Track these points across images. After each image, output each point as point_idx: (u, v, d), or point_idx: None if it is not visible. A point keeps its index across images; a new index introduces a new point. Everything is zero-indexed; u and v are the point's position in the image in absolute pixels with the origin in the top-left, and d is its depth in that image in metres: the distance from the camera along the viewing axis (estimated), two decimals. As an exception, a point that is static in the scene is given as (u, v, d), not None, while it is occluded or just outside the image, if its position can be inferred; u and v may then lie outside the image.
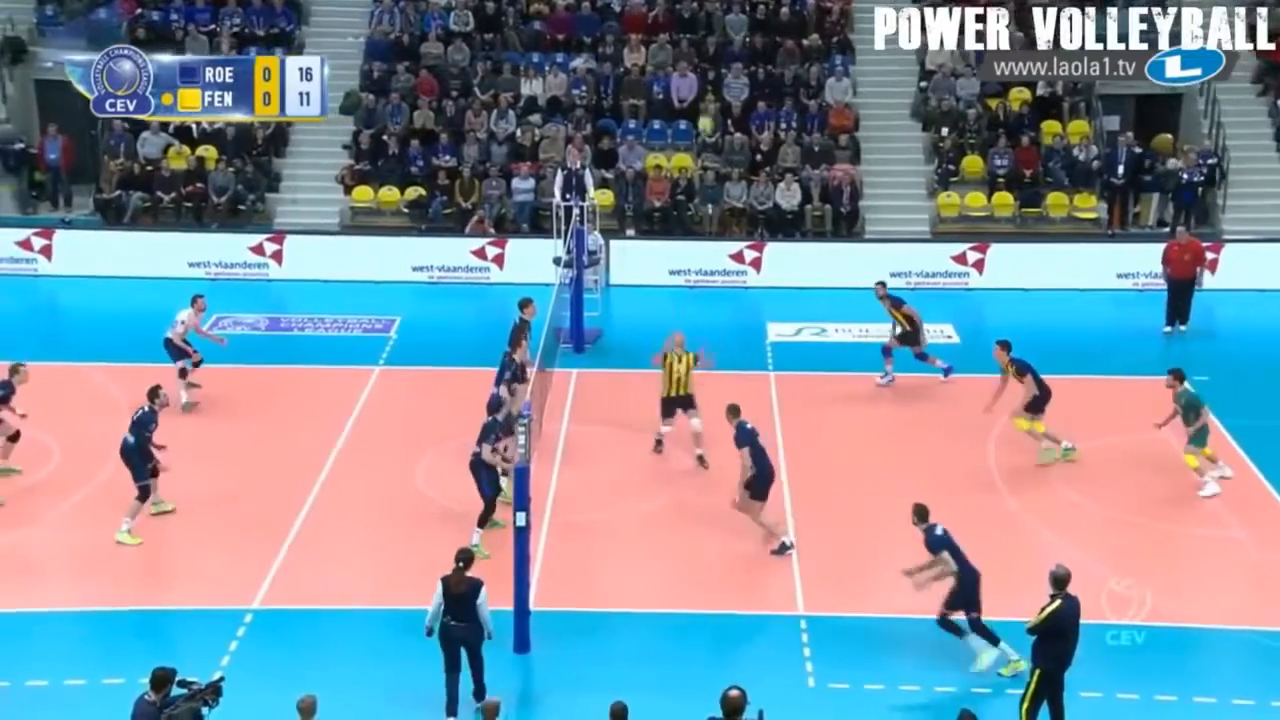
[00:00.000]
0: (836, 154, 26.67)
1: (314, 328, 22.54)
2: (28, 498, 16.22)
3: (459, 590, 12.17)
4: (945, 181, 26.62)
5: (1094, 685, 12.66)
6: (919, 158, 27.39)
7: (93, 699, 12.43)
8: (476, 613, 12.19)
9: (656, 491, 16.97)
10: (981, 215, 26.37)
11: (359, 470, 17.26)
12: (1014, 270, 24.81)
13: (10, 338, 21.58)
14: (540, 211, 25.48)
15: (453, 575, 12.27)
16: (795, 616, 14.28)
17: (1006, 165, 26.48)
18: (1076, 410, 18.19)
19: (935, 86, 27.44)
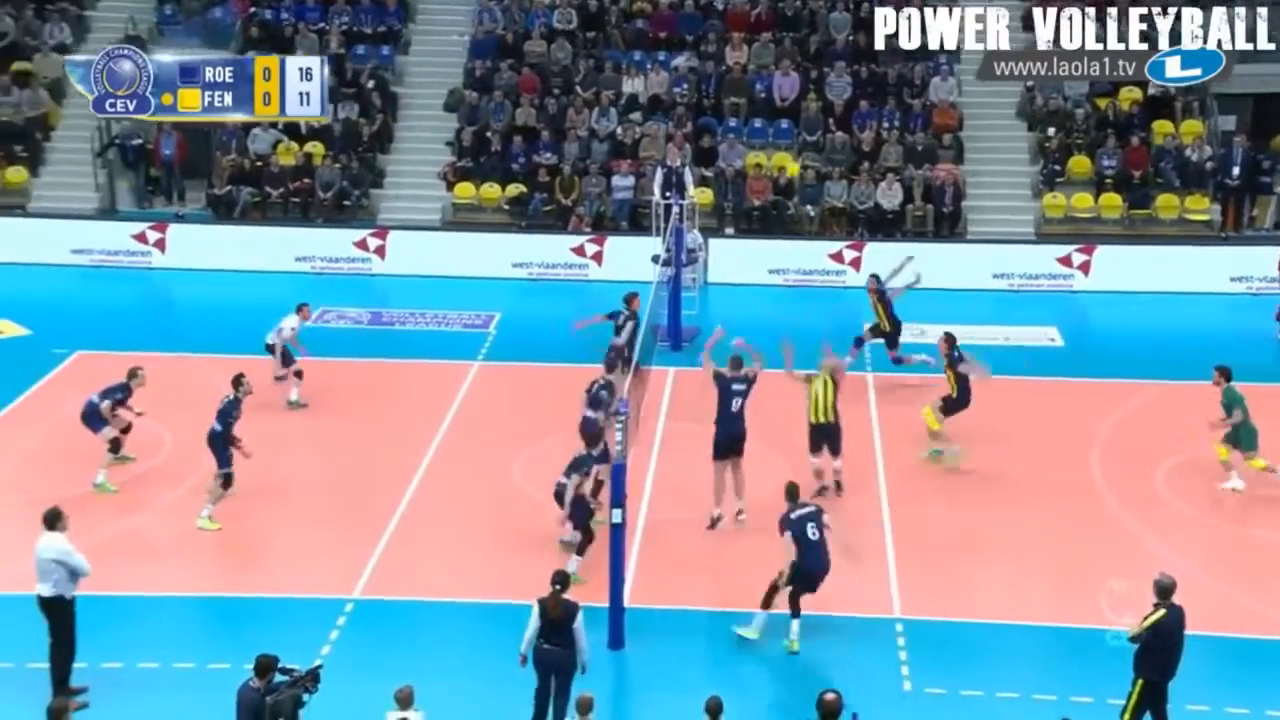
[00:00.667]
0: (940, 153, 26.37)
1: (415, 322, 22.82)
2: (140, 485, 16.62)
3: (556, 614, 11.71)
4: (1051, 182, 26.18)
5: (1202, 698, 12.38)
6: (1024, 158, 26.98)
7: (200, 682, 12.69)
8: (573, 637, 11.74)
9: (753, 489, 16.88)
10: (1088, 217, 25.90)
11: (457, 464, 17.43)
12: (1121, 273, 24.34)
13: (125, 328, 22.19)
14: (640, 209, 25.53)
15: (549, 598, 11.76)
16: (891, 619, 14.14)
17: (1115, 166, 25.97)
18: (1187, 416, 17.77)
19: (1042, 86, 26.99)
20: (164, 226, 25.32)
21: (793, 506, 13.65)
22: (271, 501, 16.44)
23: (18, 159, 26.92)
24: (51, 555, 12.11)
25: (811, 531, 13.47)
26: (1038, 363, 21.01)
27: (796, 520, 13.50)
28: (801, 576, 13.46)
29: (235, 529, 15.81)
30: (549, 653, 11.78)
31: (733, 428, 15.68)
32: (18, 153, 26.95)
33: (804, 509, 13.67)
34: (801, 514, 13.59)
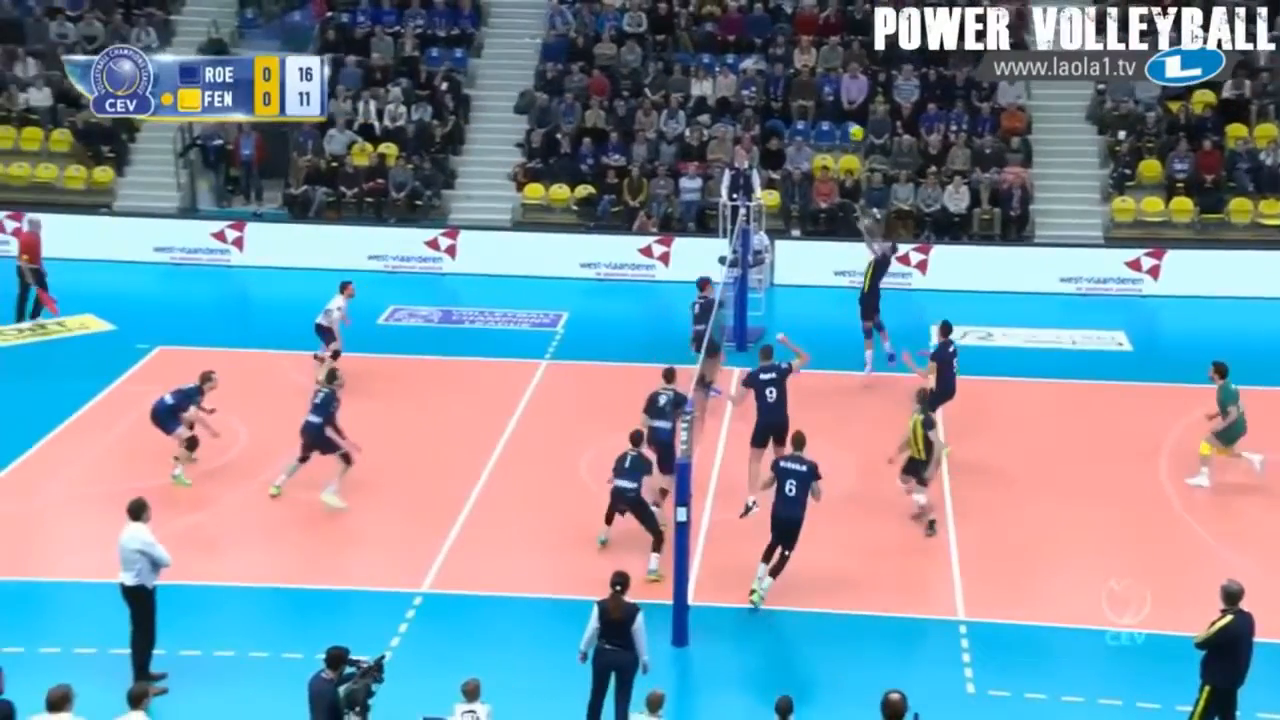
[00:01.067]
0: (1008, 157, 26.07)
1: (484, 321, 22.94)
2: (217, 476, 16.83)
3: (617, 616, 11.65)
4: (1120, 186, 25.80)
5: (1272, 706, 12.15)
6: (1093, 161, 26.62)
7: (274, 671, 12.84)
8: (633, 639, 11.67)
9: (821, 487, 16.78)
10: (1158, 221, 25.49)
11: (525, 461, 17.50)
12: (1192, 277, 23.93)
13: (204, 324, 22.51)
14: (707, 211, 25.49)
15: (610, 600, 11.69)
16: (955, 621, 14.01)
17: (1187, 170, 25.55)
18: (1256, 421, 17.43)
19: (1113, 89, 26.61)
20: (242, 225, 25.64)
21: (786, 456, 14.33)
22: (344, 495, 16.59)
23: (105, 159, 27.40)
24: (136, 546, 12.31)
25: (790, 488, 14.00)
26: (1105, 367, 20.73)
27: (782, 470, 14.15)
28: (772, 524, 14.07)
29: (309, 522, 15.99)
30: (609, 653, 11.74)
31: (772, 417, 15.77)
32: (105, 153, 27.42)
33: (791, 462, 14.20)
34: (786, 466, 14.15)
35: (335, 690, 10.68)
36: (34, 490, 16.50)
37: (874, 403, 19.25)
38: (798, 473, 14.08)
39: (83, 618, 13.73)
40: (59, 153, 27.49)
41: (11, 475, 16.79)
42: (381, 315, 22.76)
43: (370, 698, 10.77)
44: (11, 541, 15.44)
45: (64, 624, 13.71)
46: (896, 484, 15.88)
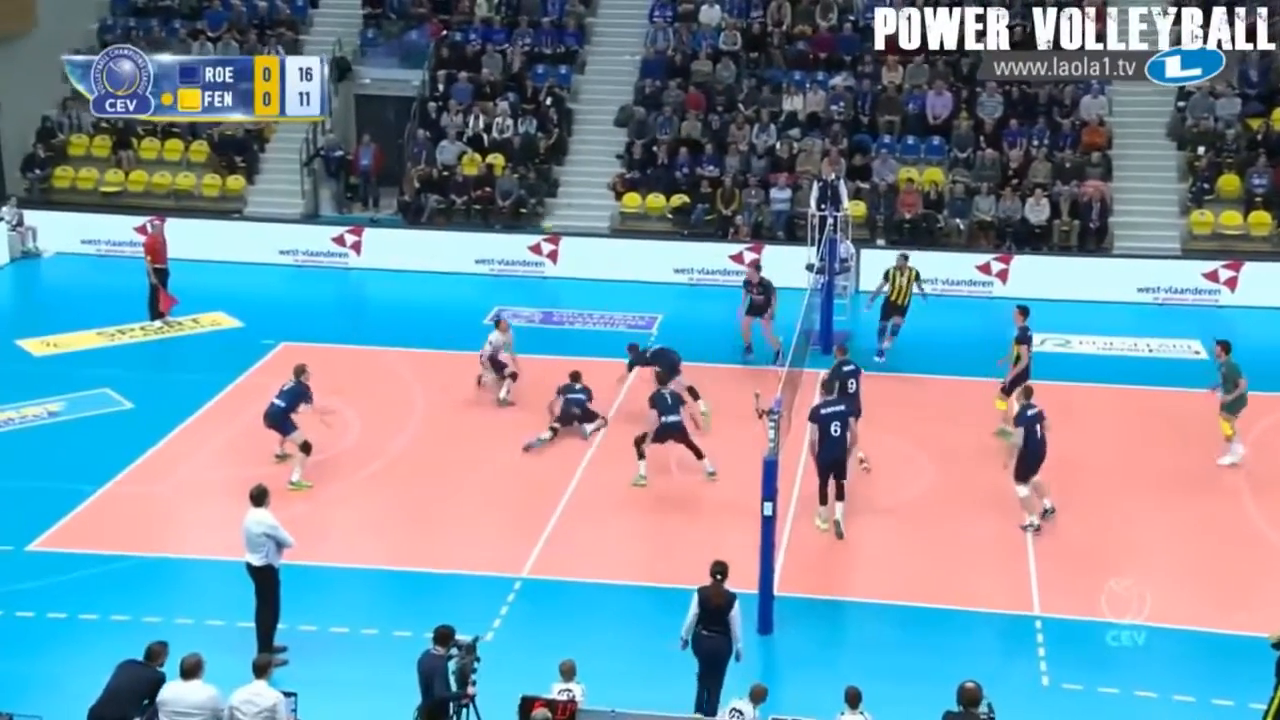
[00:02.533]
0: (1088, 170, 25.58)
1: (583, 322, 23.05)
2: (331, 465, 17.11)
3: (718, 603, 11.61)
4: (1199, 200, 25.18)
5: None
6: (1172, 175, 26.01)
7: (384, 647, 13.04)
8: (730, 626, 11.62)
9: (900, 486, 16.67)
10: (1236, 234, 24.84)
11: (620, 453, 17.53)
12: (1270, 289, 23.29)
13: (324, 322, 22.91)
14: (796, 220, 25.34)
15: (711, 588, 11.67)
16: (1031, 616, 13.79)
17: (1265, 185, 24.85)
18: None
19: (1193, 106, 25.98)
20: (360, 230, 26.01)
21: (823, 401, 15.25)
22: (453, 485, 16.79)
23: (237, 169, 28.02)
24: (262, 530, 12.54)
25: (834, 429, 14.97)
26: (1181, 375, 20.25)
27: (825, 415, 15.04)
28: (822, 467, 15.09)
29: (417, 509, 16.20)
30: (709, 640, 11.66)
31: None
32: (238, 163, 28.05)
33: (832, 406, 15.15)
34: (829, 411, 15.04)
35: (446, 666, 10.79)
36: (169, 473, 16.91)
37: (956, 404, 19.01)
38: (841, 413, 15.12)
39: (213, 592, 14.04)
40: (197, 163, 28.17)
41: (150, 460, 17.23)
42: (487, 316, 22.98)
43: (474, 674, 10.87)
44: (150, 520, 15.86)
45: (196, 598, 14.02)
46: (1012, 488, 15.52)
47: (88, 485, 16.32)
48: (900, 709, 10.76)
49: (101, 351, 21.09)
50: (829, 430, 15.01)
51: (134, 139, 28.22)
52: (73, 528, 15.47)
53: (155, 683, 10.36)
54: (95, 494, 16.22)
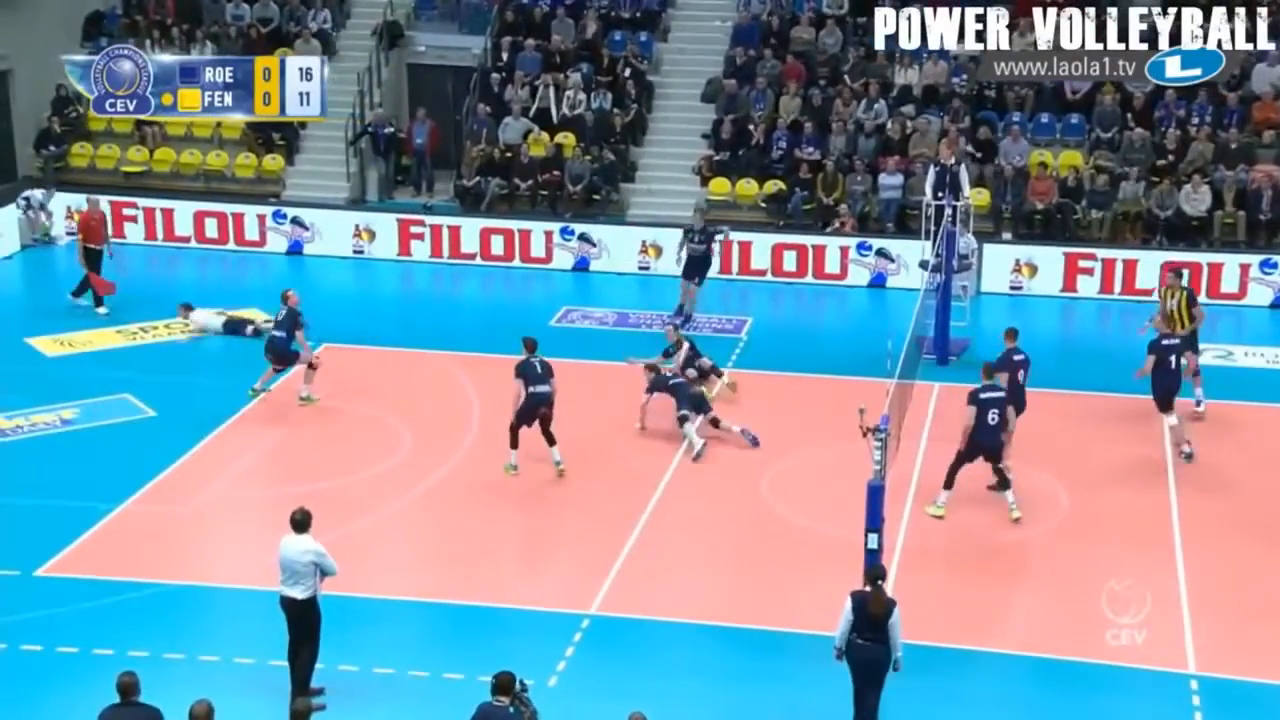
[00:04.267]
0: (1259, 153, 25.09)
1: (662, 325, 22.97)
2: (377, 483, 17.27)
3: (877, 611, 12.02)
4: (1391, 187, 24.62)
5: None
6: (1359, 158, 25.44)
7: (436, 692, 13.06)
8: (889, 634, 12.03)
9: (1026, 518, 16.44)
10: None
11: (702, 474, 17.51)
12: None
13: (372, 320, 23.07)
14: (908, 210, 25.16)
15: (872, 594, 12.08)
16: (1185, 674, 13.52)
17: None
18: None
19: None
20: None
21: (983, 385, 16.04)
22: (514, 508, 16.85)
23: (275, 147, 28.39)
24: (311, 558, 12.59)
25: (992, 416, 15.95)
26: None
27: (984, 400, 15.94)
28: (974, 451, 16.07)
29: (473, 536, 16.27)
30: (865, 649, 12.08)
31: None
32: (276, 140, 28.39)
33: (993, 391, 16.04)
34: (988, 396, 15.96)
35: (508, 718, 10.75)
36: (195, 491, 17.11)
37: (1094, 423, 18.72)
38: (999, 400, 16.08)
39: (243, 626, 14.18)
40: (230, 140, 28.61)
41: (173, 475, 17.43)
42: (554, 316, 23.10)
43: (537, 726, 10.87)
44: (172, 544, 16.05)
45: (224, 632, 14.17)
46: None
47: (103, 503, 16.56)
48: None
49: (122, 352, 21.46)
50: (986, 416, 16.03)
51: (160, 112, 28.75)
52: (86, 551, 15.71)
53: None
54: (112, 513, 16.43)
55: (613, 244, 25.56)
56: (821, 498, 16.50)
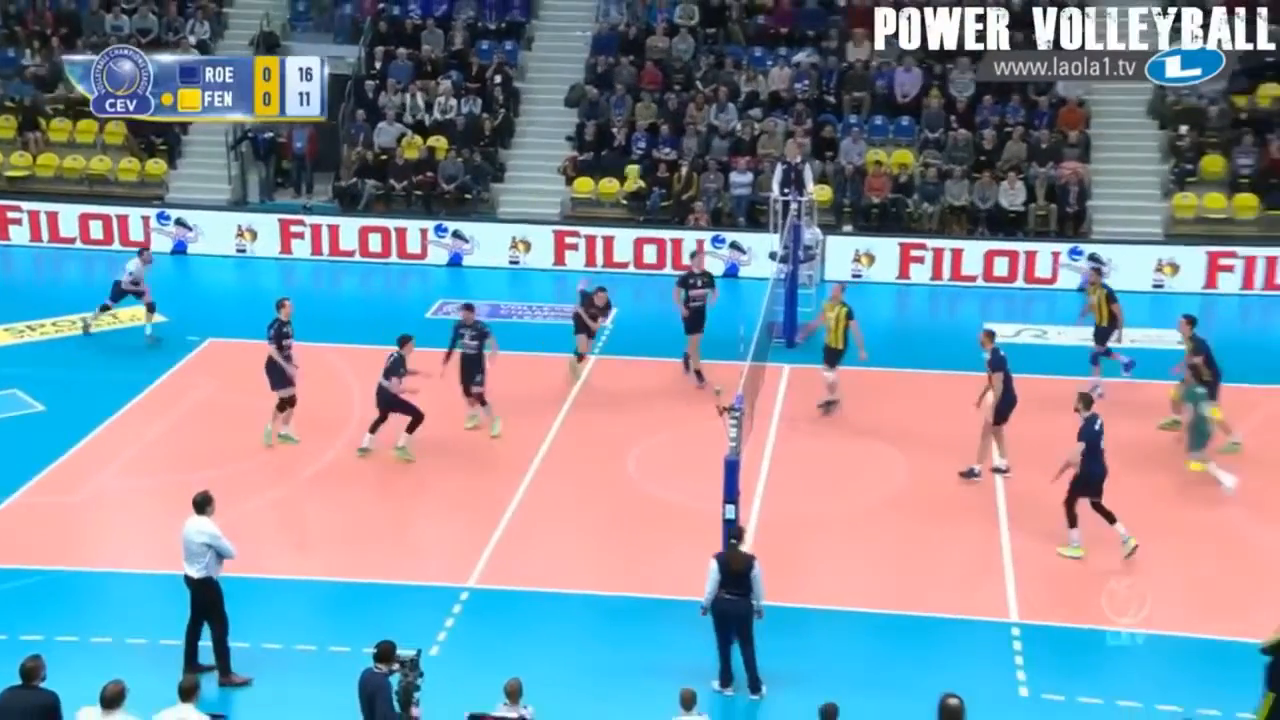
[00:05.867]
0: (1065, 151, 25.76)
1: (533, 315, 22.92)
2: (264, 469, 16.92)
3: (738, 567, 12.29)
4: (1182, 182, 25.42)
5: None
6: (1154, 156, 26.24)
7: (322, 664, 12.87)
8: (751, 586, 12.31)
9: (867, 488, 16.70)
10: (1220, 217, 25.08)
11: (572, 454, 17.46)
12: (1255, 274, 23.62)
13: (257, 316, 22.53)
14: (757, 206, 25.36)
15: (730, 553, 12.40)
16: (1007, 623, 13.84)
17: (1251, 166, 25.11)
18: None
19: (1174, 83, 26.21)
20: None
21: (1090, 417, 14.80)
22: (393, 489, 16.63)
23: (157, 151, 27.62)
24: (204, 539, 12.35)
25: (1103, 443, 14.68)
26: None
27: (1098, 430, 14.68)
28: (1097, 482, 14.76)
29: (354, 517, 16.02)
30: (731, 603, 12.30)
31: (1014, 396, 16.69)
32: (158, 145, 27.65)
33: (1096, 419, 14.73)
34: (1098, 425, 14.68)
35: (389, 684, 10.64)
36: (84, 481, 16.63)
37: (927, 401, 19.07)
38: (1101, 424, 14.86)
39: (133, 609, 13.83)
40: (113, 145, 27.75)
41: (62, 466, 16.92)
42: (430, 309, 22.84)
43: (417, 692, 10.74)
44: (62, 532, 15.58)
45: (115, 614, 13.78)
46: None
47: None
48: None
49: (9, 350, 20.76)
50: (1099, 446, 14.77)
51: (42, 119, 27.80)
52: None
53: (48, 707, 10.10)
54: (2, 504, 15.91)
55: (484, 240, 25.41)
56: (683, 473, 16.56)
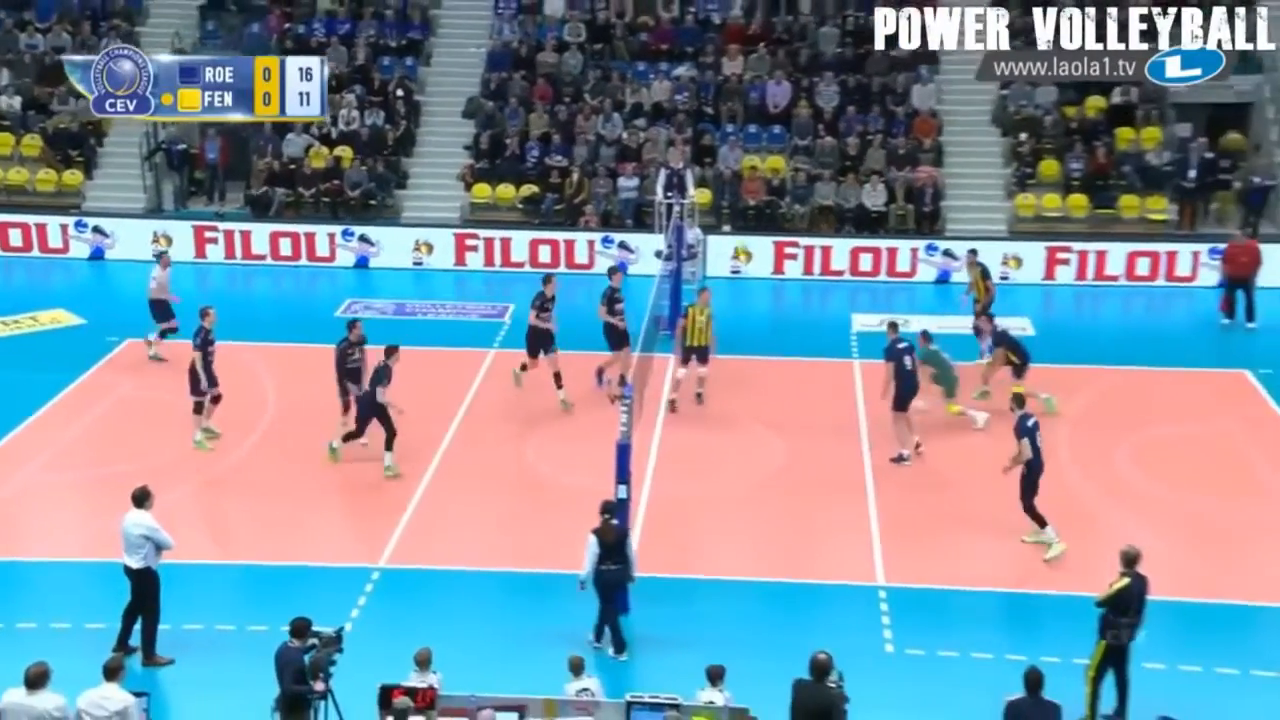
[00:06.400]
0: (920, 157, 26.26)
1: (435, 313, 22.77)
2: (185, 461, 16.58)
3: (611, 539, 12.47)
4: (1022, 184, 26.08)
5: (1158, 657, 12.36)
6: (998, 161, 26.87)
7: (241, 643, 12.71)
8: (627, 556, 12.52)
9: (748, 465, 16.90)
10: (1056, 216, 25.79)
11: (476, 443, 17.40)
12: (1088, 267, 24.30)
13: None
14: (643, 208, 25.46)
15: (604, 527, 12.52)
16: (875, 586, 14.12)
17: (1081, 169, 25.86)
18: (1148, 397, 17.71)
19: (1014, 95, 26.89)
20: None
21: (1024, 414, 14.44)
22: (307, 476, 16.41)
23: (74, 163, 26.89)
24: (142, 531, 12.14)
25: (1040, 439, 14.29)
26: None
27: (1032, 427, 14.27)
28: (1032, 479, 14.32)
29: (271, 502, 15.79)
30: (611, 573, 12.51)
31: (911, 384, 16.46)
32: (74, 157, 26.92)
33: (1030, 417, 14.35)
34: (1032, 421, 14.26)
35: (302, 658, 10.56)
36: (6, 478, 16.15)
37: (800, 386, 19.34)
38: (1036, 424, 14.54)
39: (57, 596, 13.50)
40: (30, 157, 26.94)
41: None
42: (338, 308, 22.56)
43: (332, 666, 10.67)
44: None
45: (39, 602, 13.44)
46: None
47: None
48: (754, 683, 10.90)
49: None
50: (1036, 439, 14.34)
51: (-41, 133, 26.90)
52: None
53: None
54: (-73, 502, 15.42)
55: (389, 243, 25.15)
56: (578, 458, 16.59)
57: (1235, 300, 21.95)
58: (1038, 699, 10.23)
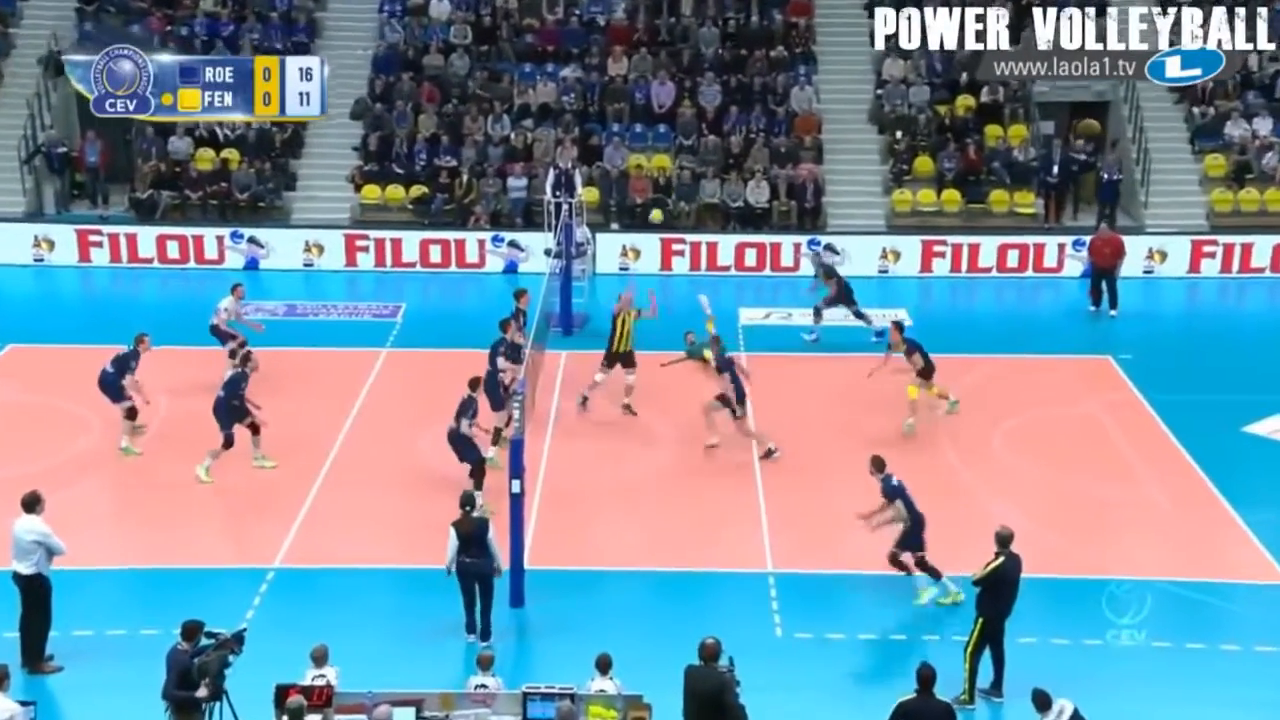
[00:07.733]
0: (801, 155, 26.60)
1: (327, 313, 22.43)
2: (69, 465, 16.10)
3: (468, 531, 12.50)
4: (899, 180, 26.59)
5: (1030, 632, 12.71)
6: (875, 158, 27.34)
7: (132, 647, 12.41)
8: (488, 548, 12.56)
9: (639, 459, 16.98)
10: (932, 211, 26.35)
11: (369, 442, 17.20)
12: (962, 260, 24.87)
13: (57, 322, 21.43)
14: (533, 207, 25.38)
15: (461, 520, 12.58)
16: (764, 573, 14.29)
17: (954, 165, 26.46)
18: (1022, 384, 18.16)
19: (889, 94, 27.39)
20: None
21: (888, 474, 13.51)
22: (199, 482, 16.05)
23: (-52, 166, 25.91)
24: (33, 537, 11.82)
25: (909, 494, 13.37)
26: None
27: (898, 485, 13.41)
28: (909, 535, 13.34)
29: (164, 505, 15.43)
30: (471, 564, 12.57)
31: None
32: (-52, 161, 25.93)
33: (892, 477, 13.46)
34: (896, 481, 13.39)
35: (191, 660, 10.35)
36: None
37: (689, 380, 19.47)
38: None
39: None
40: (-96, 161, 25.90)
41: None
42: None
43: (226, 668, 10.46)
44: None
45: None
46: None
47: None
48: (649, 669, 10.97)
49: None
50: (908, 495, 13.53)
51: None
52: None
53: None
54: None
55: (279, 245, 24.70)
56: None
57: (1100, 290, 22.67)
58: (928, 698, 10.11)
